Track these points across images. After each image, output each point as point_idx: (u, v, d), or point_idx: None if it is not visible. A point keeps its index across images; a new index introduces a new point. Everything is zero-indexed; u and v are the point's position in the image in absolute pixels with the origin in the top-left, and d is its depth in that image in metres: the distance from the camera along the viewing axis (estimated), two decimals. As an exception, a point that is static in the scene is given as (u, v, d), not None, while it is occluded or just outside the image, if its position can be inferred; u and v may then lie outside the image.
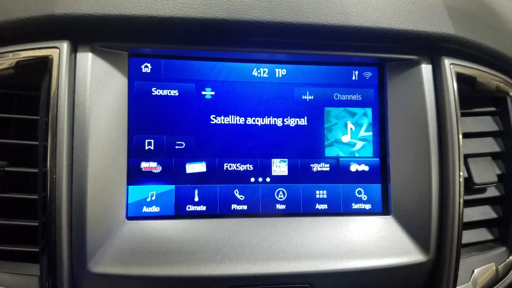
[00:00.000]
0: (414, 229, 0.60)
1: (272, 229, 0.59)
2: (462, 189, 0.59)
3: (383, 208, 0.63)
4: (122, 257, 0.54)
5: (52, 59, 0.54)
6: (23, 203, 0.56)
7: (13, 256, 0.55)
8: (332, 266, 0.56)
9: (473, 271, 0.61)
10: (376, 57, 0.63)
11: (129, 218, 0.57)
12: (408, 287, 0.60)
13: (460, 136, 0.59)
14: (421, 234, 0.59)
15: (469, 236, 0.64)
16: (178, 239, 0.56)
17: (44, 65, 0.54)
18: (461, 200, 0.58)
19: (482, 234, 0.66)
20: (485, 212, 0.66)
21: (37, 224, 0.53)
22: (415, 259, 0.58)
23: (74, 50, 0.55)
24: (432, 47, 0.62)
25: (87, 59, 0.55)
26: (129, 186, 0.58)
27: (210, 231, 0.58)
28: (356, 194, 0.63)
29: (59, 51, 0.54)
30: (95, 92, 0.55)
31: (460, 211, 0.58)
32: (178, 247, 0.56)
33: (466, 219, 0.61)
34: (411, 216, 0.60)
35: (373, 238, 0.60)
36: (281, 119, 0.62)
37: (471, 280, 0.61)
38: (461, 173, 0.59)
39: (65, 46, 0.54)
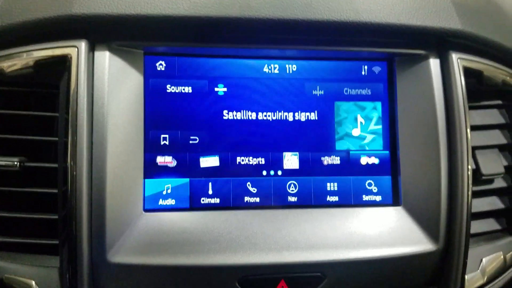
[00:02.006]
0: (424, 220, 0.61)
1: (284, 220, 0.60)
2: (470, 180, 0.59)
3: (393, 199, 0.64)
4: (140, 247, 0.55)
5: (71, 57, 0.55)
6: (37, 198, 0.57)
7: (30, 249, 0.57)
8: (344, 255, 0.57)
9: (481, 260, 0.62)
10: (385, 52, 0.64)
11: (146, 210, 0.59)
12: (418, 276, 0.61)
13: (468, 129, 0.60)
14: (430, 224, 0.60)
15: (477, 226, 0.65)
16: (193, 230, 0.58)
17: (63, 63, 0.55)
18: (470, 191, 0.59)
19: (490, 224, 0.67)
20: (493, 203, 0.67)
21: (57, 217, 0.55)
22: (425, 248, 0.59)
23: (92, 49, 0.57)
24: (440, 42, 0.63)
25: (105, 58, 0.57)
26: (146, 180, 0.60)
27: (224, 223, 0.59)
28: (367, 186, 0.64)
29: (77, 50, 0.55)
30: (113, 89, 0.57)
31: (469, 202, 0.59)
32: (193, 238, 0.57)
33: (474, 209, 0.62)
34: (420, 207, 0.61)
35: (383, 229, 0.61)
36: (292, 113, 0.63)
37: (479, 268, 0.62)
38: (469, 165, 0.60)
39: (83, 45, 0.55)
